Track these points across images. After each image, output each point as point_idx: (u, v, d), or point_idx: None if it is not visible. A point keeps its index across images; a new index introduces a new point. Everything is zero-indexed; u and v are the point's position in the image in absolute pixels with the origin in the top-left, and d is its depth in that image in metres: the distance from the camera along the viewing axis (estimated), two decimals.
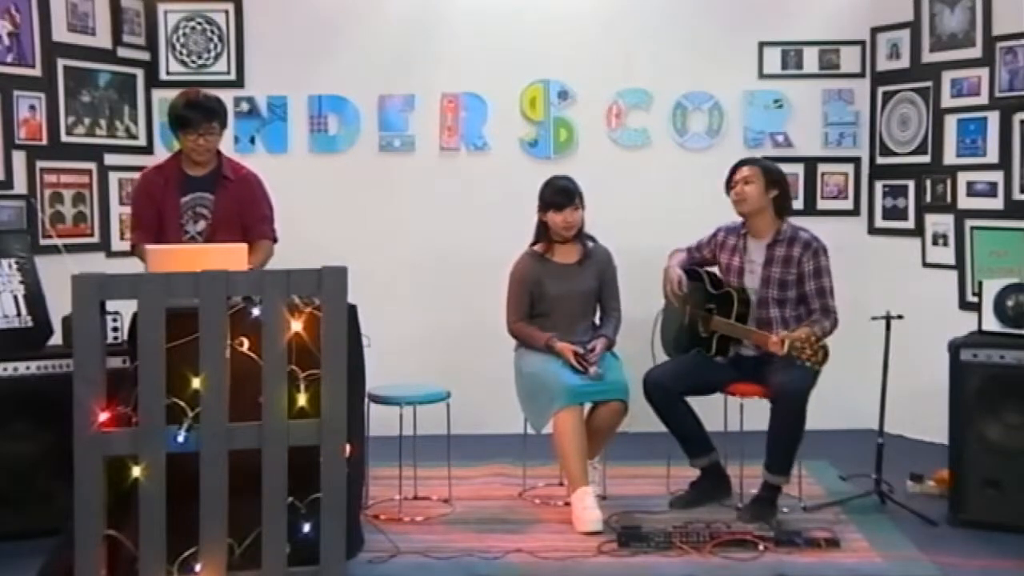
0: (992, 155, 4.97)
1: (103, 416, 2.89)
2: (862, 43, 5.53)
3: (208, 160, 4.16)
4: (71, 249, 4.67)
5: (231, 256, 3.32)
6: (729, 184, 4.33)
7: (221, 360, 2.93)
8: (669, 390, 4.19)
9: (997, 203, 4.95)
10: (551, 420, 4.11)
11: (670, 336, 4.55)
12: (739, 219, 4.38)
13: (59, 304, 3.69)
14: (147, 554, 2.91)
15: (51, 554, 3.34)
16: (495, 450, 4.92)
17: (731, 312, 4.23)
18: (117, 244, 5.20)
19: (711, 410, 4.26)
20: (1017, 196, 4.86)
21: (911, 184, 5.36)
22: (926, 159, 5.27)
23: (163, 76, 5.45)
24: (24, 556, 3.50)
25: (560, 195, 4.36)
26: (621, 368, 4.31)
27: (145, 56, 5.42)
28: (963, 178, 5.10)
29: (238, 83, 5.48)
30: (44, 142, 4.85)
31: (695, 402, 4.24)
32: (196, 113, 4.05)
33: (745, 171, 4.30)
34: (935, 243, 5.27)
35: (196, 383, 2.93)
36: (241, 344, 3.04)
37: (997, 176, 4.95)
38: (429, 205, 5.51)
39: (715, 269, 4.49)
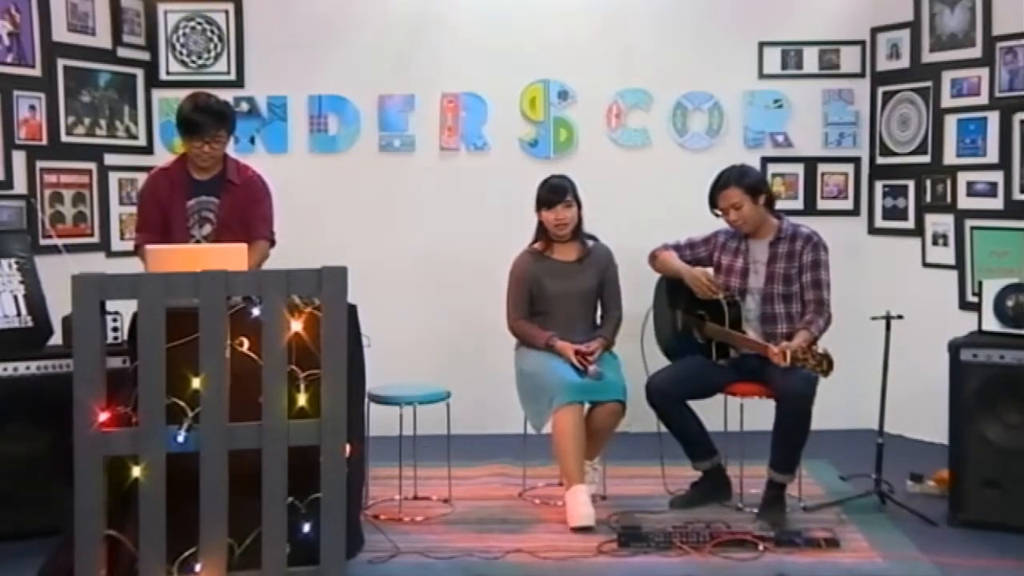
0: (992, 155, 4.96)
1: (103, 416, 2.89)
2: (862, 43, 5.53)
3: (213, 165, 4.13)
4: (71, 249, 4.66)
5: (231, 256, 3.32)
6: (713, 204, 4.26)
7: (221, 360, 2.93)
8: (671, 395, 4.17)
9: (997, 203, 4.95)
10: (551, 418, 4.12)
11: (666, 340, 4.53)
12: None
13: (59, 304, 3.69)
14: (147, 554, 2.91)
15: (51, 554, 3.34)
16: (495, 450, 4.92)
17: (723, 319, 4.21)
18: (117, 244, 5.20)
19: (711, 410, 4.26)
20: (1017, 196, 4.86)
21: (911, 184, 5.36)
22: (926, 159, 5.27)
23: (163, 76, 5.45)
24: (24, 556, 3.51)
25: (551, 192, 4.36)
26: (619, 368, 4.31)
27: (145, 56, 5.42)
28: (963, 178, 5.10)
29: (238, 83, 5.47)
30: (44, 142, 4.85)
31: (696, 402, 4.23)
32: (205, 118, 3.99)
33: (731, 196, 4.20)
34: (935, 243, 5.26)
35: (196, 383, 2.93)
36: (241, 344, 3.04)
37: (997, 176, 4.94)
38: (429, 205, 5.51)
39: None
